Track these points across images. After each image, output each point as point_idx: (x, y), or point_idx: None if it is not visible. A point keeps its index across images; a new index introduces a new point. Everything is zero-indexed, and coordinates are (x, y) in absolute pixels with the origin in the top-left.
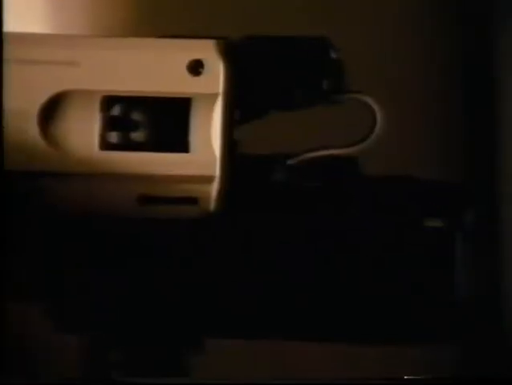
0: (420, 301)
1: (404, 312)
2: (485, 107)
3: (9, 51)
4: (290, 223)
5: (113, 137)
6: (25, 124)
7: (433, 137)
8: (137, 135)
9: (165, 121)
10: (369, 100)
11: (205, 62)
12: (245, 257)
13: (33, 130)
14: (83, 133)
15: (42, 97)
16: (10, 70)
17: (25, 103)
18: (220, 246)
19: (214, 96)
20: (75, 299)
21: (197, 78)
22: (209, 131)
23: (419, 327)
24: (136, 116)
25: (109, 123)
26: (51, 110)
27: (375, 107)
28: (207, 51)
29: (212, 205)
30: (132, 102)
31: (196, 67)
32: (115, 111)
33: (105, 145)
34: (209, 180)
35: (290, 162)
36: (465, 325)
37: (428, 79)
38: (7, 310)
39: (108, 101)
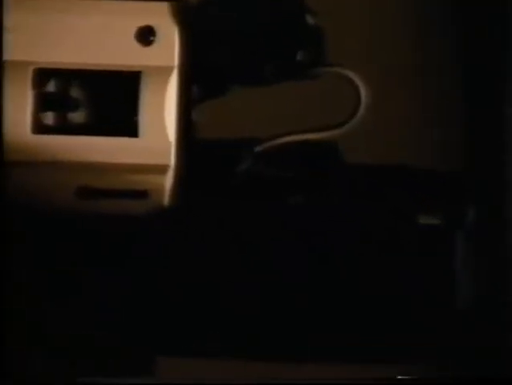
0: (418, 304)
1: (399, 315)
2: (489, 94)
3: None
4: (257, 220)
5: (48, 118)
6: None
7: (428, 123)
8: (77, 116)
9: (110, 100)
10: (352, 75)
11: (156, 28)
12: (202, 261)
13: None
14: (12, 114)
15: None
16: None
17: None
18: (172, 247)
19: (168, 70)
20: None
21: (147, 48)
22: (162, 111)
23: (417, 330)
24: (76, 93)
25: (43, 102)
26: None
27: (360, 83)
28: (159, 16)
29: (165, 200)
30: (70, 76)
31: (146, 35)
32: (51, 87)
33: (39, 128)
34: (161, 169)
35: (258, 149)
36: (465, 326)
37: (425, 51)
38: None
39: (42, 75)
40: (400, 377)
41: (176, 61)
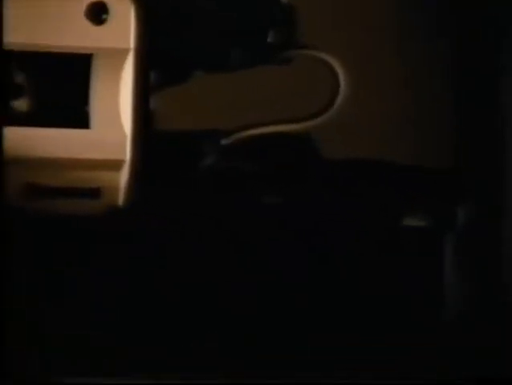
0: (412, 305)
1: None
2: (482, 86)
3: None
4: (223, 220)
5: None
6: None
7: (414, 117)
8: (20, 105)
9: (58, 86)
10: (329, 59)
11: (109, 5)
12: (159, 264)
13: None
14: None
15: None
16: None
17: None
18: (127, 249)
19: (123, 52)
20: None
21: (99, 27)
22: (117, 99)
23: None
24: (19, 79)
25: None
26: None
27: (338, 69)
28: None
29: (120, 198)
30: (12, 59)
31: (97, 13)
32: None
33: None
34: (116, 165)
35: (224, 141)
36: (465, 326)
37: (415, 37)
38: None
39: None
40: (399, 377)
41: (131, 43)
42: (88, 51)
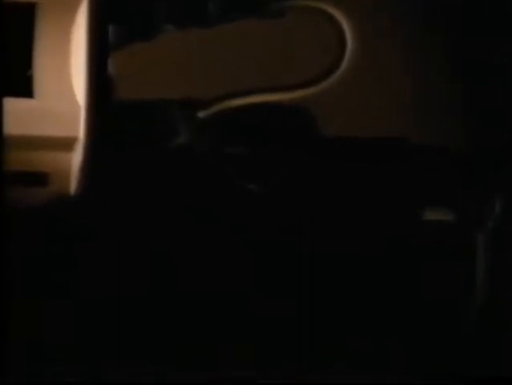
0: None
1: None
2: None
3: None
4: (198, 211)
5: None
6: None
7: (436, 91)
8: None
9: None
10: (333, 12)
11: None
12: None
13: None
14: None
15: None
16: None
17: None
18: (80, 244)
19: (74, 2)
20: None
21: None
22: (67, 62)
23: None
24: None
25: None
26: None
27: (345, 24)
28: None
29: (71, 185)
30: None
31: None
32: None
33: None
34: (66, 144)
35: (200, 114)
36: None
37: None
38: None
39: None
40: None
41: None
42: (31, 0)
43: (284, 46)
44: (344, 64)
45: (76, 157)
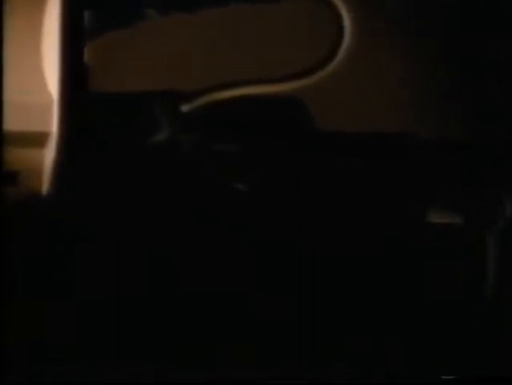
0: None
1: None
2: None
3: None
4: (182, 210)
5: None
6: None
7: (435, 85)
8: None
9: None
10: None
11: None
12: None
13: None
14: None
15: None
16: None
17: None
18: (46, 245)
19: None
20: None
21: None
22: (38, 49)
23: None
24: None
25: None
26: None
27: (341, 8)
28: None
29: (43, 184)
30: None
31: None
32: None
33: None
34: (39, 140)
35: (185, 108)
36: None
37: None
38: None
39: None
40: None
41: None
42: None
43: (276, 34)
44: (341, 54)
45: (49, 154)
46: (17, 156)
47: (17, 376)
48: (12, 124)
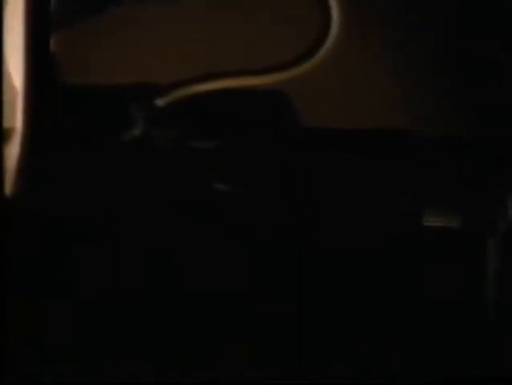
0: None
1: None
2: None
3: None
4: (155, 211)
5: None
6: None
7: (428, 80)
8: None
9: None
10: None
11: None
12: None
13: None
14: None
15: None
16: None
17: None
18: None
19: None
20: None
21: None
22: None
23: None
24: None
25: None
26: None
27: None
28: None
29: (6, 185)
30: None
31: None
32: None
33: None
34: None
35: (159, 102)
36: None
37: None
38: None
39: None
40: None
41: None
42: None
43: (259, 23)
44: (328, 44)
45: (13, 151)
46: None
47: (16, 376)
48: None
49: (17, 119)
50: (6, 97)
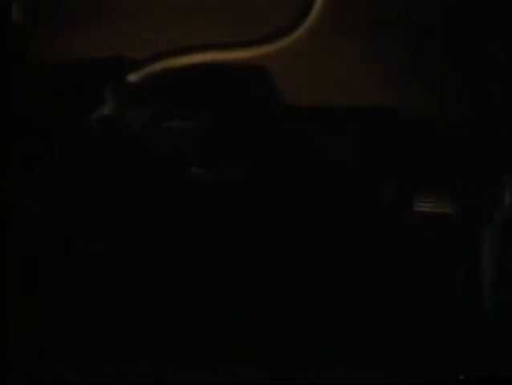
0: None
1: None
2: None
3: None
4: (129, 199)
5: None
6: None
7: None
8: None
9: None
10: None
11: None
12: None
13: None
14: None
15: None
16: None
17: None
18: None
19: None
20: None
21: None
22: None
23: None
24: None
25: None
26: None
27: None
28: None
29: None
30: None
31: None
32: None
33: None
34: None
35: (132, 78)
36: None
37: None
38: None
39: None
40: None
41: None
42: None
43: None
44: (313, 15)
45: None
46: None
47: (16, 376)
48: None
49: None
50: None
